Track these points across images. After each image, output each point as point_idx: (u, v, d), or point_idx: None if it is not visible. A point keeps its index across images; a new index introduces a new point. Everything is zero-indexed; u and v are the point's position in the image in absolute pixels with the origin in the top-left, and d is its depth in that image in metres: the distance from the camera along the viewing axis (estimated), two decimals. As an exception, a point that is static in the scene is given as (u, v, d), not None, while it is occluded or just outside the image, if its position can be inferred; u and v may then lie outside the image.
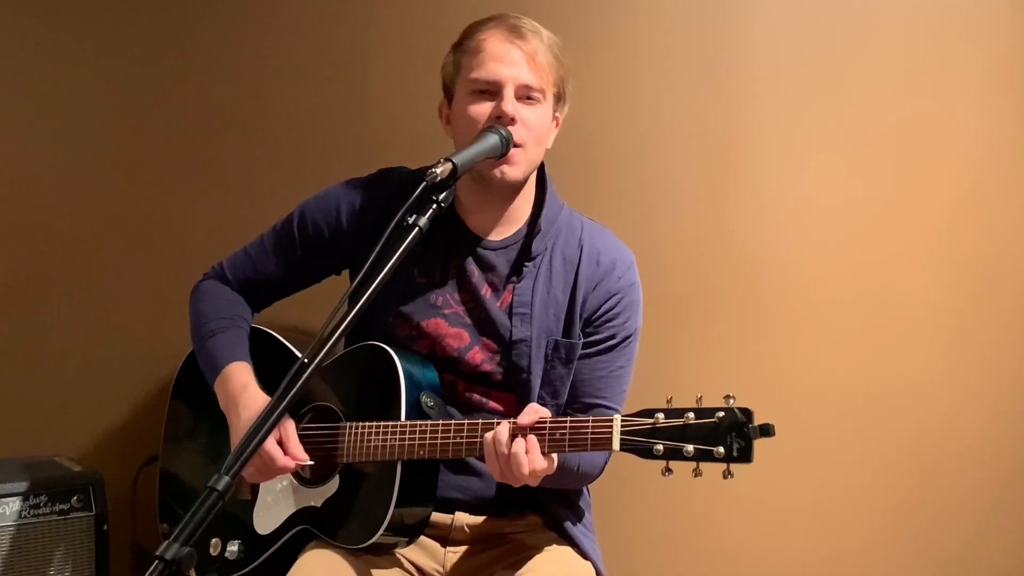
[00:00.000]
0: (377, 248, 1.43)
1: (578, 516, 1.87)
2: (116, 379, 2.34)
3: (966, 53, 2.45)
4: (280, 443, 1.67)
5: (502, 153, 1.69)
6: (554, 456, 1.57)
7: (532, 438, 1.54)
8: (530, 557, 1.81)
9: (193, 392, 1.97)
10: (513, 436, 1.55)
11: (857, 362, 2.46)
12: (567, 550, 1.84)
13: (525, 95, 1.73)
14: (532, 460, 1.53)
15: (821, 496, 2.46)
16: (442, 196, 1.52)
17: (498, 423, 1.58)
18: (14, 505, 1.98)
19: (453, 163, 1.55)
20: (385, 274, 1.45)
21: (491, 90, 1.72)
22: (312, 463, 1.70)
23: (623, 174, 2.44)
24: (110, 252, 2.34)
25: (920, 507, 2.48)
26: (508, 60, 1.71)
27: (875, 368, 2.46)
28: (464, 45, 1.77)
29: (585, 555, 1.84)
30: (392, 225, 1.46)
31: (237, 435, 1.69)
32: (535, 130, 1.74)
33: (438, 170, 1.53)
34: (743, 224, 2.44)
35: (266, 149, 2.38)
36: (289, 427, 1.69)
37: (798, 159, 2.45)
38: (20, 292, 2.31)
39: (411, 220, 1.49)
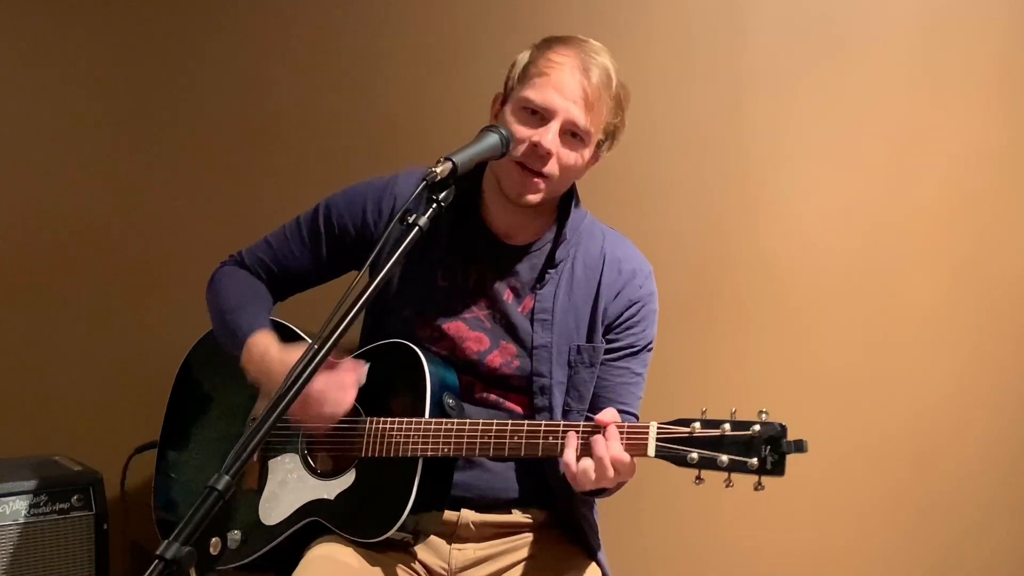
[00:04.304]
0: (377, 248, 1.44)
1: (585, 516, 1.87)
2: (116, 379, 2.34)
3: (967, 55, 2.46)
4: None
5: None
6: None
7: (612, 429, 1.55)
8: (536, 555, 1.81)
9: (198, 387, 1.97)
10: (585, 441, 1.57)
11: (856, 361, 2.47)
12: (573, 549, 1.84)
13: (570, 131, 1.72)
14: (612, 448, 1.53)
15: (820, 492, 2.47)
16: (442, 195, 1.53)
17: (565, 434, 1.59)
18: (14, 505, 1.98)
19: (453, 162, 1.55)
20: (384, 275, 1.45)
21: (541, 114, 1.71)
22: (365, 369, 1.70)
23: (631, 178, 2.44)
24: (110, 252, 2.34)
25: (918, 503, 2.50)
26: (568, 93, 1.70)
27: (874, 367, 2.47)
28: (535, 57, 1.75)
29: (591, 554, 1.84)
30: (392, 225, 1.47)
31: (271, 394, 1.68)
32: (566, 169, 1.74)
33: (438, 169, 1.53)
34: (754, 224, 2.45)
35: (270, 149, 2.38)
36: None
37: (801, 161, 2.45)
38: (20, 292, 2.31)
39: (411, 219, 1.49)
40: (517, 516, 1.83)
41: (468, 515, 1.80)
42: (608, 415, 1.59)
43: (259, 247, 1.92)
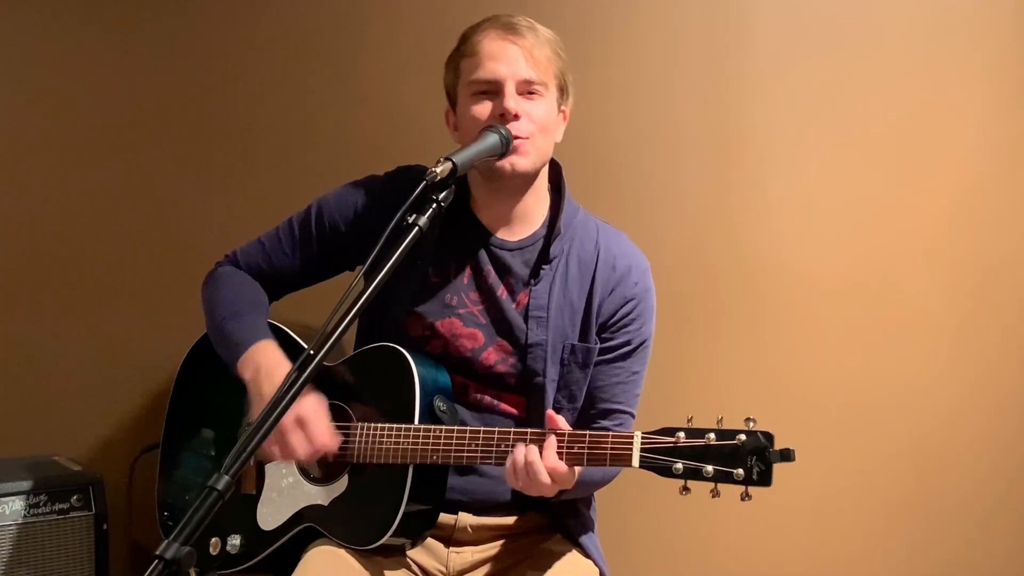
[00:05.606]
0: (376, 248, 1.43)
1: (583, 519, 1.87)
2: (116, 379, 2.34)
3: (969, 53, 2.46)
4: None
5: (502, 152, 1.69)
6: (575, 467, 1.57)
7: (551, 439, 1.55)
8: (534, 557, 1.81)
9: (197, 387, 1.98)
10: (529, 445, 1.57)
11: (858, 362, 2.46)
12: (571, 551, 1.84)
13: (526, 90, 1.73)
14: (547, 458, 1.54)
15: (823, 497, 2.46)
16: (442, 195, 1.52)
17: (515, 446, 1.59)
18: (14, 505, 1.98)
19: (453, 162, 1.55)
20: (383, 275, 1.44)
21: (492, 89, 1.73)
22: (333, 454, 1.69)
23: (626, 174, 2.44)
24: (109, 252, 2.34)
25: (921, 508, 2.49)
26: (505, 58, 1.72)
27: (876, 368, 2.46)
28: (461, 50, 1.78)
29: (589, 555, 1.84)
30: (392, 225, 1.46)
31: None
32: (540, 121, 1.74)
33: (438, 169, 1.53)
34: (746, 224, 2.44)
35: (263, 149, 2.38)
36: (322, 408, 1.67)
37: (801, 158, 2.45)
38: (20, 292, 2.31)
39: (411, 219, 1.49)
40: (514, 519, 1.83)
41: (465, 518, 1.80)
42: (557, 420, 1.58)
43: (253, 248, 1.91)
